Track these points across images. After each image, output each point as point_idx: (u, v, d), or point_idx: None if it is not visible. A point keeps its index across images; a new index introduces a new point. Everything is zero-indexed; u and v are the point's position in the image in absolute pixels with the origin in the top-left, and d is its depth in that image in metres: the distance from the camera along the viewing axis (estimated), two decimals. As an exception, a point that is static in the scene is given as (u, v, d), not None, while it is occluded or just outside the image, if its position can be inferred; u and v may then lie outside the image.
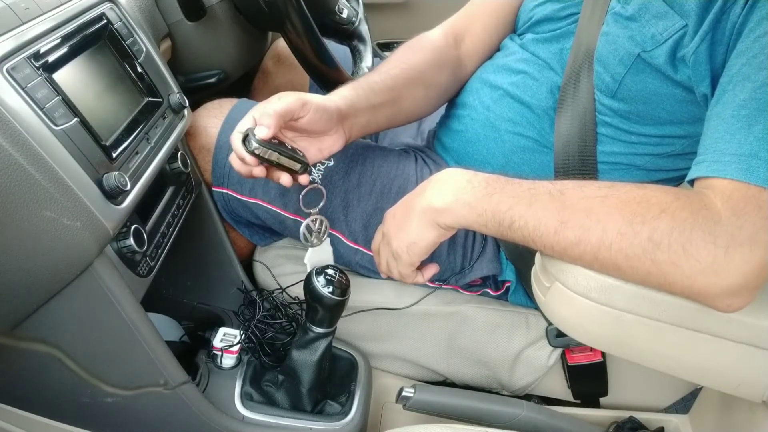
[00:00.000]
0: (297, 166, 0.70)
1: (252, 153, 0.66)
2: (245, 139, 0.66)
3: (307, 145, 0.75)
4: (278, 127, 0.68)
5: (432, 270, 0.77)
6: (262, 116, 0.67)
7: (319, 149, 0.76)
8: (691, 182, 0.59)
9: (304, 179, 0.72)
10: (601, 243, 0.56)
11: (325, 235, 0.80)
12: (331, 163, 0.82)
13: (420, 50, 0.89)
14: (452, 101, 0.94)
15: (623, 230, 0.55)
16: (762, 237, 0.52)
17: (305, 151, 0.74)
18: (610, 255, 0.56)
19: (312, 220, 0.77)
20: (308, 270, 0.77)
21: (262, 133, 0.65)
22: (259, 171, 0.69)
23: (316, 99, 0.73)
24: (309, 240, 0.78)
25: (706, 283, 0.53)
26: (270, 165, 0.68)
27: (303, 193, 0.75)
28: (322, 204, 0.77)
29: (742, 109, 0.56)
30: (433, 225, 0.67)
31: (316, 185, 0.76)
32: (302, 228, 0.77)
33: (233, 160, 0.70)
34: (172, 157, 0.80)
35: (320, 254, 0.80)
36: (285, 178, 0.70)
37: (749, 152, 0.54)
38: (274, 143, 0.67)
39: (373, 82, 0.82)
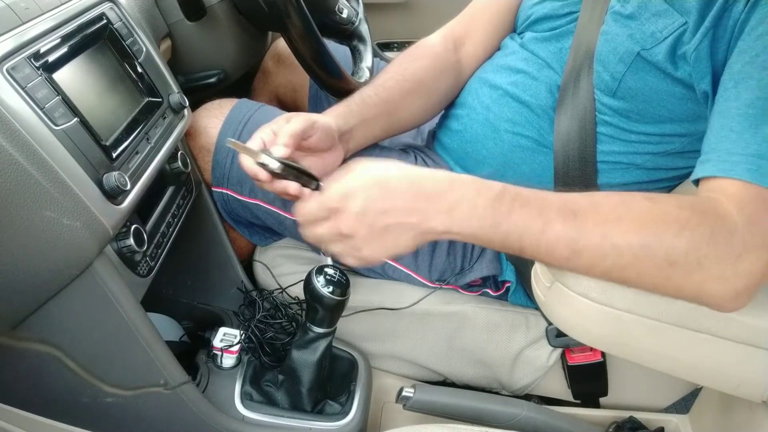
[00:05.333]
0: (313, 184, 0.70)
1: (272, 172, 0.66)
2: (262, 160, 0.67)
3: (312, 164, 0.76)
4: (295, 147, 0.69)
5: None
6: (279, 135, 0.69)
7: (323, 166, 0.77)
8: (695, 182, 0.59)
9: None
10: (614, 266, 0.55)
11: None
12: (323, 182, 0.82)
13: (418, 58, 0.90)
14: (452, 101, 0.94)
15: (639, 254, 0.54)
16: None
17: (311, 169, 0.74)
18: (622, 275, 0.55)
19: None
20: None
21: (280, 152, 0.66)
22: (295, 188, 0.67)
23: (321, 118, 0.75)
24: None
25: (715, 289, 0.53)
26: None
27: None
28: None
29: (749, 109, 0.56)
30: (425, 240, 0.60)
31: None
32: None
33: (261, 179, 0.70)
34: (172, 157, 0.80)
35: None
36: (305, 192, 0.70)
37: (757, 153, 0.54)
38: (291, 162, 0.68)
39: (367, 96, 0.83)
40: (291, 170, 0.68)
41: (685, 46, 0.65)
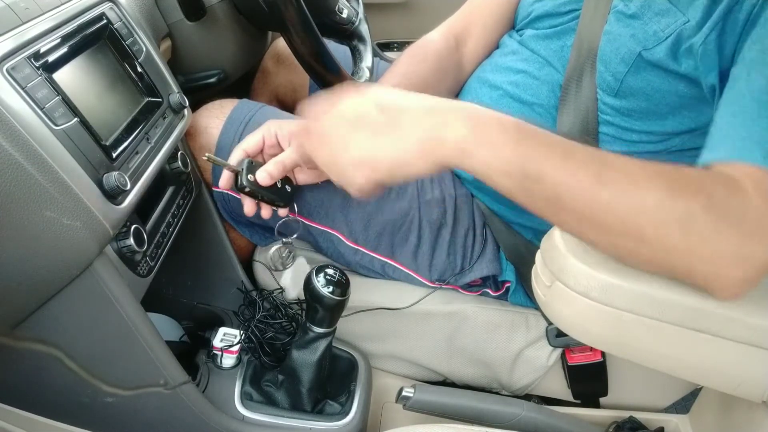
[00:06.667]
0: (280, 204, 0.76)
1: (241, 190, 0.70)
2: (239, 174, 0.71)
3: (307, 177, 0.77)
4: (280, 177, 0.71)
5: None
6: (270, 163, 0.71)
7: (320, 174, 0.77)
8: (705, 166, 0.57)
9: (282, 212, 0.77)
10: (635, 208, 0.51)
11: (291, 261, 0.84)
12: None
13: (423, 59, 0.89)
14: (452, 101, 0.94)
15: (662, 198, 0.51)
16: None
17: (308, 175, 0.77)
18: (639, 222, 0.51)
19: (282, 248, 0.82)
20: (288, 293, 0.82)
21: (261, 177, 0.70)
22: (250, 208, 0.73)
23: None
24: (274, 265, 0.82)
25: (728, 265, 0.51)
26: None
27: (279, 223, 0.79)
28: (297, 234, 0.81)
29: (763, 95, 0.55)
30: (431, 160, 0.53)
31: (294, 216, 0.80)
32: (269, 255, 0.81)
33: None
34: (172, 157, 0.79)
35: (297, 274, 0.82)
36: (265, 212, 0.75)
37: None
38: (264, 189, 0.72)
39: None
40: (263, 191, 0.71)
41: (689, 40, 0.65)
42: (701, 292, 0.56)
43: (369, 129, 0.54)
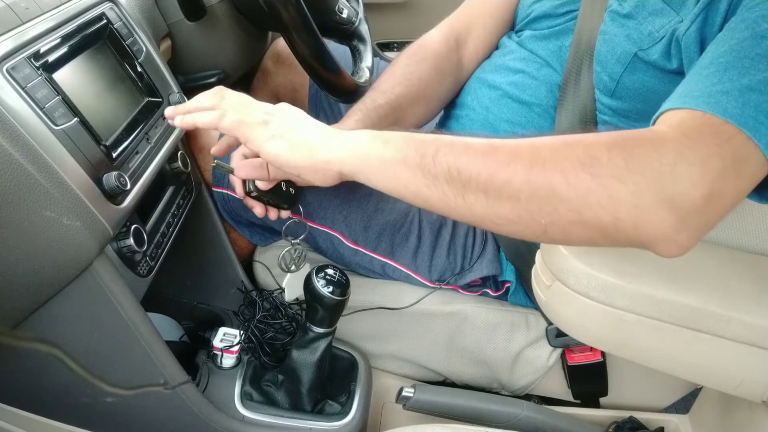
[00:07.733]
0: (284, 206, 0.77)
1: (248, 194, 0.72)
2: (245, 180, 0.72)
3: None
4: (264, 176, 0.71)
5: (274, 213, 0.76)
6: (251, 166, 0.70)
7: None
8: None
9: (284, 213, 0.78)
10: (534, 160, 0.50)
11: (303, 263, 0.83)
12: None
13: (422, 60, 0.88)
14: (451, 101, 0.94)
15: (557, 146, 0.50)
16: (714, 163, 0.47)
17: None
18: (545, 174, 0.49)
19: (292, 249, 0.81)
20: (286, 294, 0.82)
21: (262, 184, 0.71)
22: (259, 212, 0.75)
23: None
24: (287, 266, 0.81)
25: (653, 202, 0.47)
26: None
27: (285, 226, 0.79)
28: (303, 236, 0.81)
29: (721, 57, 0.54)
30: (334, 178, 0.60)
31: (299, 217, 0.80)
32: (281, 255, 0.81)
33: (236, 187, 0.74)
34: (172, 157, 0.80)
35: (300, 279, 0.81)
36: (272, 214, 0.76)
37: (722, 90, 0.51)
38: (268, 193, 0.73)
39: (379, 106, 0.82)
40: (267, 195, 0.72)
41: (679, 35, 0.65)
42: (658, 258, 0.51)
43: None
